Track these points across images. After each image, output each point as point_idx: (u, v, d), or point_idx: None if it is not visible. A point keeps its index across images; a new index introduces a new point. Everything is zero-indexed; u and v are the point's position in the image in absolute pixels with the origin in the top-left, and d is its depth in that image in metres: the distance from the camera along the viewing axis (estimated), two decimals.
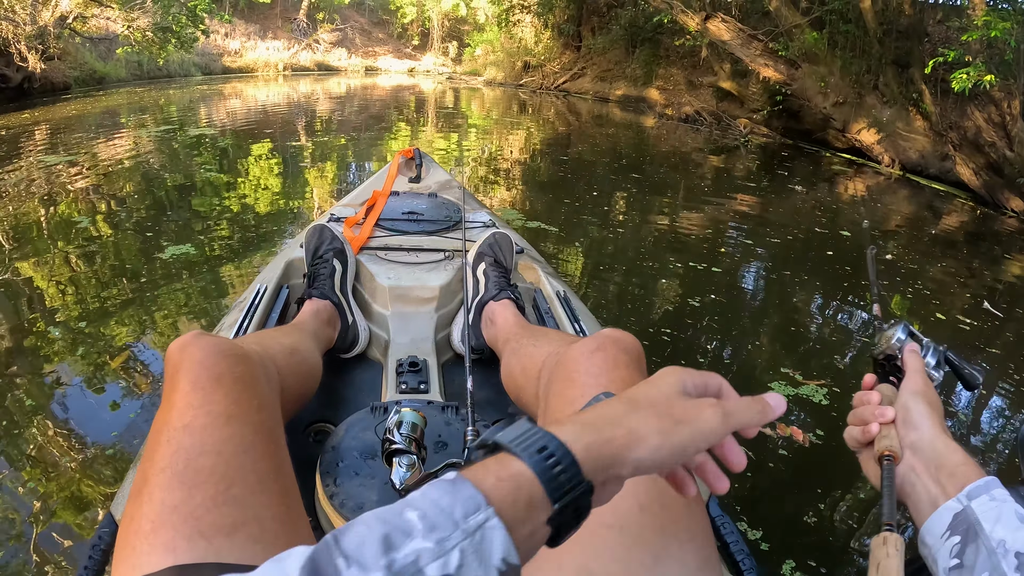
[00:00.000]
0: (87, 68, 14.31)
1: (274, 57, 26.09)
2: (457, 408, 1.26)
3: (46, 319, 3.11)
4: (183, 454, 0.75)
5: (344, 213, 2.15)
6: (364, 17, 35.54)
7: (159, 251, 4.01)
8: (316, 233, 1.73)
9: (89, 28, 13.57)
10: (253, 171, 6.63)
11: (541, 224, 5.05)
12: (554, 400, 0.95)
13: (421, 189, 2.47)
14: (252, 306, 1.59)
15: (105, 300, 3.35)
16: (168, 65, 17.61)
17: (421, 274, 1.76)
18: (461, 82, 25.15)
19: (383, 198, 2.24)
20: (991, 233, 6.62)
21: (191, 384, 0.84)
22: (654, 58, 17.49)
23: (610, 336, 0.99)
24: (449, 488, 0.44)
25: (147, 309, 3.26)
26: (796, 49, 9.97)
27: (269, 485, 0.78)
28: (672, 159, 9.46)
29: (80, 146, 7.26)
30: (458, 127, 11.91)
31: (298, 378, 1.16)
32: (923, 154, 8.83)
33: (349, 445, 1.12)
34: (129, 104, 12.06)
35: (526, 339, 1.29)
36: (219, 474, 0.74)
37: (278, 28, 29.13)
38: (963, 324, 3.92)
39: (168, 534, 0.68)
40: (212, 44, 22.70)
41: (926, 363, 0.82)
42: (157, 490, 0.72)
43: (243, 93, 16.21)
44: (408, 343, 1.60)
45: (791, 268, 4.70)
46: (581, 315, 1.68)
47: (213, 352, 0.89)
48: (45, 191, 5.24)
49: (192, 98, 14.05)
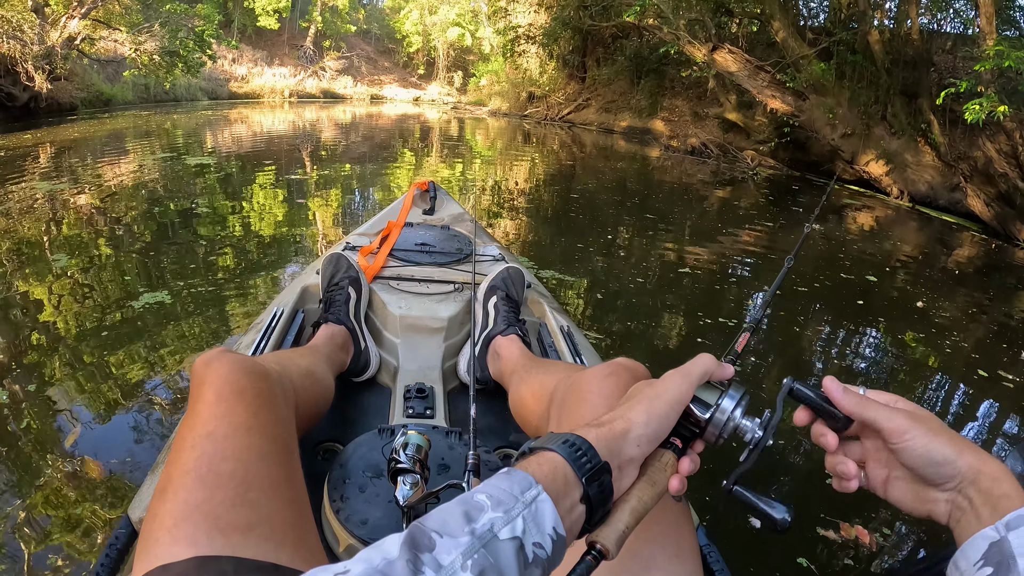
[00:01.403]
0: (94, 90, 14.36)
1: (280, 84, 26.28)
2: (460, 434, 1.29)
3: (45, 347, 3.00)
4: (206, 459, 0.81)
5: (359, 242, 2.22)
6: (370, 45, 35.90)
7: (159, 275, 3.91)
8: (332, 261, 1.80)
9: (97, 50, 13.63)
10: (257, 199, 6.46)
11: (546, 258, 4.90)
12: (566, 418, 1.01)
13: (435, 221, 2.54)
14: (269, 328, 1.66)
15: (104, 327, 3.23)
16: (175, 89, 17.70)
17: (431, 305, 1.81)
18: (466, 112, 25.28)
19: (397, 229, 2.30)
20: (1004, 265, 6.51)
21: (215, 396, 0.90)
22: (659, 89, 17.56)
23: (623, 363, 1.05)
24: (506, 476, 0.58)
25: (150, 337, 3.12)
26: (804, 80, 9.94)
27: (282, 491, 0.84)
28: (680, 193, 9.25)
29: (77, 171, 7.10)
30: (463, 158, 11.78)
31: (311, 398, 1.23)
32: (932, 185, 8.77)
33: (356, 464, 1.17)
34: (134, 127, 12.02)
35: (535, 369, 1.36)
36: (238, 479, 0.80)
37: (285, 55, 29.39)
38: (974, 356, 3.79)
39: (190, 529, 0.74)
40: (219, 69, 22.87)
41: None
42: (181, 490, 0.78)
43: (249, 119, 16.24)
44: (416, 370, 1.66)
45: (812, 309, 4.57)
46: (583, 350, 1.72)
47: (236, 368, 0.96)
48: (33, 219, 5.11)
49: (198, 123, 14.05)
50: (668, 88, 17.44)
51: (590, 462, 0.62)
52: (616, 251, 5.46)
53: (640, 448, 0.67)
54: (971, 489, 0.65)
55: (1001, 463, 0.65)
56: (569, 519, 0.60)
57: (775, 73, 10.46)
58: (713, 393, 0.73)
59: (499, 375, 1.57)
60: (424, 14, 33.15)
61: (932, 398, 3.35)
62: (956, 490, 0.67)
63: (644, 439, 0.67)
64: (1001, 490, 0.63)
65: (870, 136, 9.52)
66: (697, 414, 0.72)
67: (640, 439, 0.67)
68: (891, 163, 9.25)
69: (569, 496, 0.60)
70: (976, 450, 0.67)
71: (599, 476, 0.62)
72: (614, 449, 0.65)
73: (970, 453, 0.66)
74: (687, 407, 0.72)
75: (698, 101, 16.20)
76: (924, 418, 0.69)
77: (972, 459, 0.66)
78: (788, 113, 10.54)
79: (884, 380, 3.43)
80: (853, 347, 3.90)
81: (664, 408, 0.69)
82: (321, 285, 1.80)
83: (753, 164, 11.81)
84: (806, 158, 11.64)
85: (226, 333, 3.24)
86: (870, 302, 4.64)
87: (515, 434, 1.47)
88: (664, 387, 0.71)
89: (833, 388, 0.72)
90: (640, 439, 0.67)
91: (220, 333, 3.23)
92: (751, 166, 11.72)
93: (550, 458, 0.61)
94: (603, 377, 1.01)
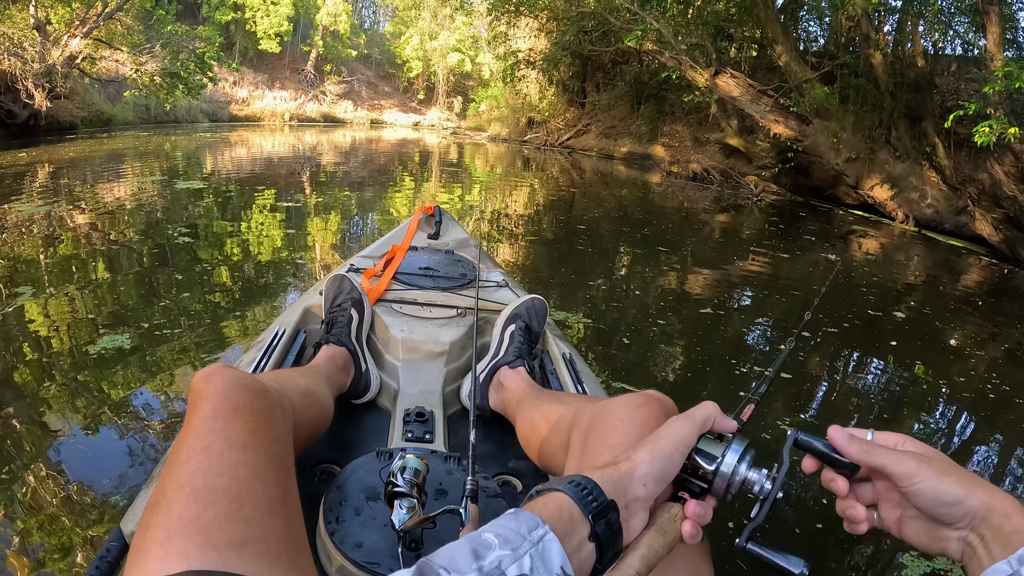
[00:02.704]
0: (94, 109, 14.34)
1: (281, 107, 26.38)
2: (459, 459, 1.29)
3: (40, 364, 2.88)
4: (201, 474, 0.80)
5: (363, 264, 2.24)
6: (371, 70, 36.12)
7: (154, 299, 3.78)
8: (336, 282, 1.80)
9: (98, 69, 13.61)
10: (256, 222, 6.32)
11: (546, 285, 4.74)
12: (594, 445, 1.00)
13: (439, 246, 2.55)
14: (270, 347, 1.65)
15: (99, 347, 3.11)
16: (175, 110, 17.70)
17: (433, 329, 1.81)
18: (465, 137, 25.34)
19: (402, 252, 2.30)
20: (1012, 289, 6.41)
21: (212, 411, 0.89)
22: (659, 115, 17.59)
23: (655, 395, 1.06)
24: (512, 516, 0.60)
25: (143, 358, 3.00)
26: (807, 104, 9.91)
27: (277, 510, 0.83)
28: (685, 220, 9.05)
29: (66, 193, 6.92)
30: (462, 183, 11.62)
31: (310, 418, 1.22)
32: (937, 209, 8.70)
33: (353, 486, 1.16)
34: (133, 148, 11.93)
35: (546, 398, 1.36)
36: (232, 494, 0.79)
37: (286, 78, 29.53)
38: (988, 385, 3.65)
39: (182, 543, 0.72)
40: (220, 91, 22.93)
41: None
42: (175, 504, 0.76)
43: (249, 142, 16.21)
44: (416, 394, 1.65)
45: (816, 339, 4.45)
46: (585, 378, 1.72)
47: (235, 384, 0.94)
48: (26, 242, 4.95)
49: (198, 145, 13.99)
50: (668, 114, 17.47)
51: (596, 500, 0.64)
52: (619, 281, 5.27)
53: (647, 488, 0.69)
54: (983, 526, 0.66)
55: (1013, 499, 0.65)
56: (577, 558, 0.61)
57: (778, 98, 10.43)
58: (718, 446, 0.75)
59: (501, 405, 1.57)
60: (424, 40, 33.39)
61: (946, 428, 3.22)
62: (968, 528, 0.67)
63: (649, 478, 0.69)
64: (1012, 526, 0.63)
65: (874, 160, 9.47)
66: (704, 466, 0.74)
67: (645, 478, 0.69)
68: (896, 187, 9.19)
69: (576, 534, 0.62)
70: (987, 487, 0.67)
71: (606, 514, 0.64)
72: (620, 488, 0.67)
73: (981, 490, 0.66)
74: (693, 459, 0.74)
75: (698, 126, 16.22)
76: (932, 459, 0.69)
77: (983, 496, 0.66)
78: (791, 138, 10.48)
79: (895, 410, 3.30)
80: (861, 379, 3.75)
81: (668, 448, 0.72)
82: (324, 306, 1.80)
83: (757, 190, 11.73)
84: (809, 183, 11.59)
85: (218, 350, 3.11)
86: (879, 330, 4.51)
87: (514, 460, 1.47)
88: (667, 430, 0.74)
89: (838, 437, 0.73)
90: (645, 478, 0.69)
91: (214, 352, 3.09)
92: (755, 192, 11.64)
93: (556, 498, 0.64)
94: (635, 407, 1.02)
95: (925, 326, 4.73)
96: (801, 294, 5.10)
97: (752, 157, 13.09)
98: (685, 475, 0.75)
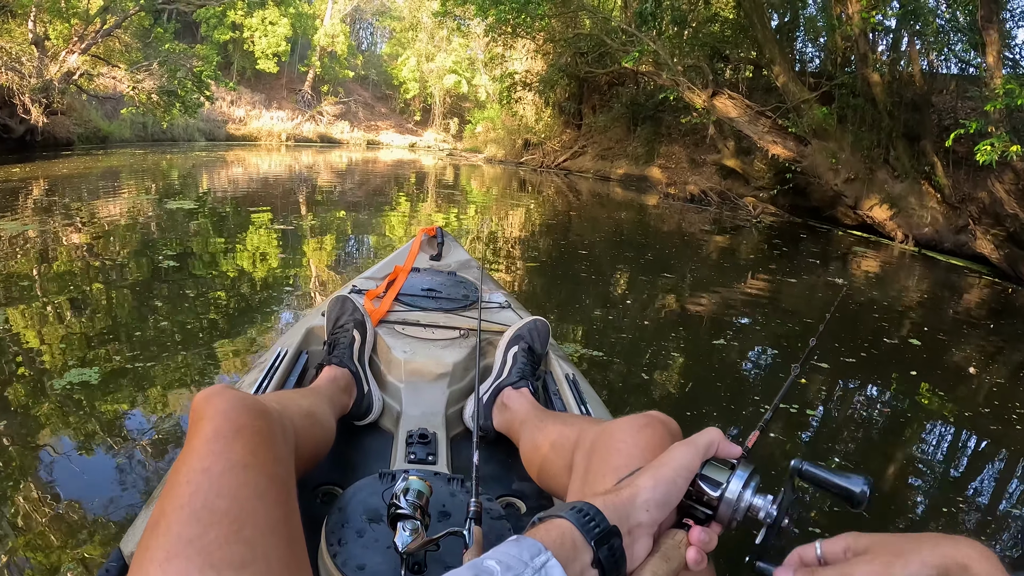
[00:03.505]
0: (91, 126, 14.31)
1: (278, 127, 26.43)
2: (463, 481, 1.28)
3: (30, 383, 2.81)
4: (201, 495, 0.79)
5: (366, 286, 2.24)
6: (368, 91, 36.27)
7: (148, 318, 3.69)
8: (338, 303, 1.81)
9: (96, 86, 13.60)
10: (251, 242, 6.21)
11: (546, 308, 4.68)
12: (597, 466, 1.00)
13: (441, 267, 2.57)
14: (272, 368, 1.66)
15: (91, 366, 3.04)
16: (173, 128, 17.68)
17: (436, 350, 1.81)
18: (462, 159, 25.40)
19: (404, 274, 2.32)
20: (1020, 309, 6.36)
21: (213, 432, 0.88)
22: (655, 136, 17.64)
23: (658, 416, 1.05)
24: (515, 543, 0.60)
25: (138, 379, 2.91)
26: (806, 125, 9.92)
27: (279, 531, 0.83)
28: (685, 243, 8.95)
29: (54, 211, 6.83)
30: (458, 205, 11.51)
31: (312, 439, 1.22)
32: (937, 228, 8.69)
33: (355, 508, 1.15)
34: (129, 166, 11.87)
35: (550, 419, 1.35)
36: (233, 516, 0.79)
37: (283, 98, 29.63)
38: (983, 409, 3.56)
39: (182, 564, 0.72)
40: (217, 110, 22.96)
41: None
42: (175, 524, 0.76)
43: (246, 161, 16.18)
44: (419, 415, 1.65)
45: (815, 362, 4.36)
46: (589, 399, 1.71)
47: (236, 405, 0.94)
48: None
49: (195, 163, 13.95)
50: (664, 135, 17.51)
51: (598, 526, 0.65)
52: (620, 305, 5.15)
53: (649, 513, 0.69)
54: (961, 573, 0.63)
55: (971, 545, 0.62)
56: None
57: (776, 118, 10.45)
58: (722, 472, 0.74)
59: (504, 426, 1.56)
60: (421, 61, 33.57)
61: (966, 463, 3.13)
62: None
63: (652, 503, 0.70)
64: (980, 569, 0.61)
65: (873, 180, 9.47)
66: (708, 492, 0.73)
67: (648, 503, 0.69)
68: (895, 207, 9.18)
69: (579, 560, 0.62)
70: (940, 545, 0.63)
71: (608, 539, 0.64)
72: (622, 514, 0.67)
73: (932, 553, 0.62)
74: (697, 485, 0.74)
75: (695, 148, 16.26)
76: (879, 551, 0.65)
77: (937, 558, 0.62)
78: (790, 159, 10.47)
79: (903, 443, 3.24)
80: (867, 408, 3.65)
81: (670, 473, 0.72)
82: (326, 327, 1.81)
83: (756, 212, 11.71)
84: (806, 204, 11.58)
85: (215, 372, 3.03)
86: (887, 356, 4.43)
87: (518, 482, 1.47)
88: (670, 455, 0.74)
89: None
90: (648, 503, 0.69)
91: (210, 373, 3.02)
92: (754, 214, 11.61)
93: (558, 524, 0.64)
94: (638, 428, 1.01)
95: (934, 349, 4.65)
96: (807, 318, 5.04)
97: (749, 178, 13.11)
98: (689, 501, 0.74)
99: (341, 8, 33.23)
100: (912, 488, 2.65)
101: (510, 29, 15.64)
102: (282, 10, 27.34)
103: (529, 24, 15.14)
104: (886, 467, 2.81)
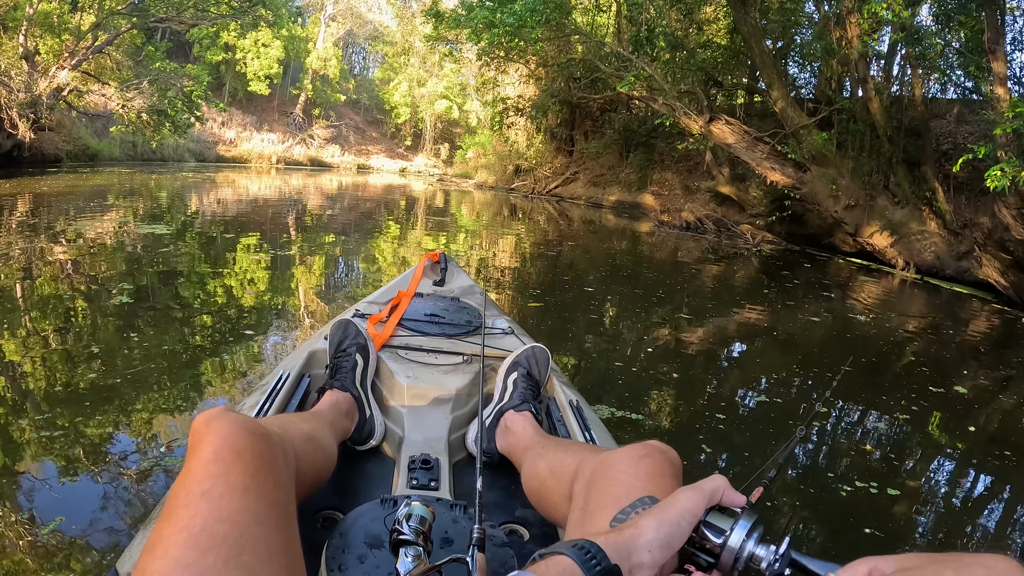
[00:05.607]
0: (80, 143, 14.12)
1: (268, 149, 26.33)
2: (465, 507, 1.27)
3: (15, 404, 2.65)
4: (200, 519, 0.78)
5: (369, 310, 2.25)
6: (359, 115, 36.29)
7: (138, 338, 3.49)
8: (341, 328, 1.80)
9: (85, 103, 13.43)
10: (240, 265, 5.99)
11: (546, 335, 4.50)
12: (597, 496, 0.99)
13: (445, 292, 2.58)
14: (274, 391, 1.64)
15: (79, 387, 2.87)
16: (162, 148, 17.50)
17: (439, 375, 1.82)
18: (452, 184, 25.34)
19: (407, 299, 2.33)
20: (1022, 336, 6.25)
21: (213, 455, 0.87)
22: (648, 163, 17.61)
23: (657, 447, 1.05)
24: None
25: (122, 401, 2.77)
26: (805, 151, 9.85)
27: (278, 556, 0.82)
28: (685, 273, 8.71)
29: (27, 230, 6.63)
30: (448, 231, 11.21)
31: (313, 464, 1.20)
32: (938, 255, 8.62)
33: (357, 533, 1.15)
34: (116, 185, 11.61)
35: (551, 446, 1.34)
36: (232, 540, 0.78)
37: (274, 121, 29.55)
38: (995, 443, 3.40)
39: None
40: (208, 131, 22.82)
41: None
42: (172, 548, 0.75)
43: (235, 183, 15.97)
44: (422, 441, 1.64)
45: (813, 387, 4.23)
46: (593, 425, 1.70)
47: (237, 428, 0.92)
48: None
49: (184, 184, 13.69)
50: (658, 162, 17.49)
51: (599, 564, 0.65)
52: (620, 338, 4.92)
53: (652, 555, 0.70)
54: None
55: (1001, 560, 0.59)
56: None
57: (774, 144, 10.37)
58: (726, 520, 0.74)
59: (508, 450, 1.55)
60: (413, 86, 33.68)
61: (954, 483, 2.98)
62: None
63: (655, 544, 0.70)
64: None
65: (873, 207, 9.40)
66: (712, 539, 0.73)
67: (651, 544, 0.70)
68: (896, 234, 9.11)
69: None
70: (976, 563, 0.60)
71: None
72: (624, 553, 0.68)
73: (969, 572, 0.59)
74: (700, 531, 0.74)
75: (688, 174, 16.22)
76: (914, 573, 0.62)
77: None
78: (788, 186, 10.36)
79: (908, 454, 3.08)
80: (862, 434, 3.46)
81: (675, 516, 0.72)
82: (328, 351, 1.80)
83: (755, 240, 11.60)
84: (803, 231, 11.51)
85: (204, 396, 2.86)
86: (890, 383, 4.29)
87: (521, 509, 1.45)
88: (675, 499, 0.75)
89: None
90: (651, 544, 0.70)
91: (200, 397, 2.90)
92: (754, 242, 11.49)
93: (559, 561, 0.65)
94: (638, 458, 1.01)
95: (975, 398, 4.45)
96: (819, 353, 4.90)
97: (745, 205, 13.03)
98: (692, 548, 0.74)
99: (334, 32, 33.33)
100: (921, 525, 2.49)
101: (503, 53, 15.65)
102: (275, 32, 27.36)
103: (523, 49, 15.14)
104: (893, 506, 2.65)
